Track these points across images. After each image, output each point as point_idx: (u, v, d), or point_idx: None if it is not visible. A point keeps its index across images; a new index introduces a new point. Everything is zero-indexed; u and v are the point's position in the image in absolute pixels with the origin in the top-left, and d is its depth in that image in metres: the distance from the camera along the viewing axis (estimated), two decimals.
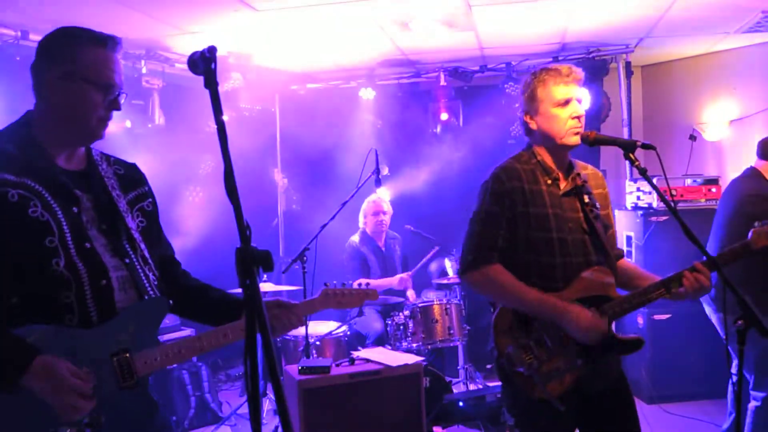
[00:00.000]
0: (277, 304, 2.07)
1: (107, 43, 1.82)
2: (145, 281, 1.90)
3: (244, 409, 5.06)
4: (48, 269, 1.70)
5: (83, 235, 1.79)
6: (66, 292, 1.72)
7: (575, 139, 2.43)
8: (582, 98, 2.47)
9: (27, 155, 1.78)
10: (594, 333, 2.29)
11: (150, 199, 2.07)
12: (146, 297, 1.87)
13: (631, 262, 2.68)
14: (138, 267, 1.89)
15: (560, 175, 2.49)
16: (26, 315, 1.69)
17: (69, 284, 1.72)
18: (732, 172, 3.88)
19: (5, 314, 1.69)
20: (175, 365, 4.85)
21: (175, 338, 2.86)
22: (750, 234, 2.34)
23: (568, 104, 2.41)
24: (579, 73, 2.45)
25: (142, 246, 1.94)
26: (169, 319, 5.00)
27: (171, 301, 1.96)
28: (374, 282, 5.29)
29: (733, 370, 3.55)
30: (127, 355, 1.75)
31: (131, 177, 2.04)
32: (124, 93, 1.85)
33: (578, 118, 2.42)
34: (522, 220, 2.40)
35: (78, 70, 1.78)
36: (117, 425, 1.74)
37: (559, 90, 2.41)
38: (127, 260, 1.86)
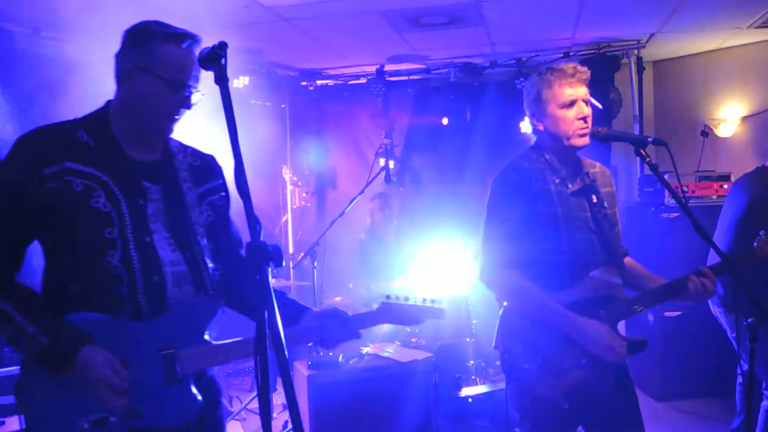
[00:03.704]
0: (331, 314, 1.99)
1: (183, 40, 1.81)
2: (206, 278, 1.88)
3: (254, 404, 5.08)
4: (102, 261, 1.72)
5: (145, 228, 1.80)
6: (118, 285, 1.73)
7: (583, 141, 2.42)
8: (588, 98, 2.45)
9: (99, 144, 1.80)
10: (614, 354, 2.28)
11: (222, 193, 2.04)
12: (201, 294, 1.86)
13: (634, 261, 2.67)
14: (199, 262, 1.88)
15: (569, 174, 2.48)
16: (82, 304, 1.72)
17: (121, 278, 1.73)
18: (744, 168, 3.84)
19: (63, 301, 1.73)
20: None
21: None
22: (756, 242, 2.35)
23: (573, 105, 2.40)
24: (585, 72, 2.42)
25: (206, 241, 1.92)
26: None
27: (223, 302, 1.93)
28: (375, 284, 5.30)
29: (740, 370, 3.53)
30: (173, 351, 1.75)
31: (206, 169, 2.02)
32: (200, 92, 1.83)
33: (584, 118, 2.40)
34: (530, 219, 2.39)
35: (150, 64, 1.77)
36: (159, 420, 1.74)
37: (565, 91, 2.39)
38: (188, 255, 1.85)
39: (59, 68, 4.71)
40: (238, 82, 5.80)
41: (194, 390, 1.80)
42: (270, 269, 1.41)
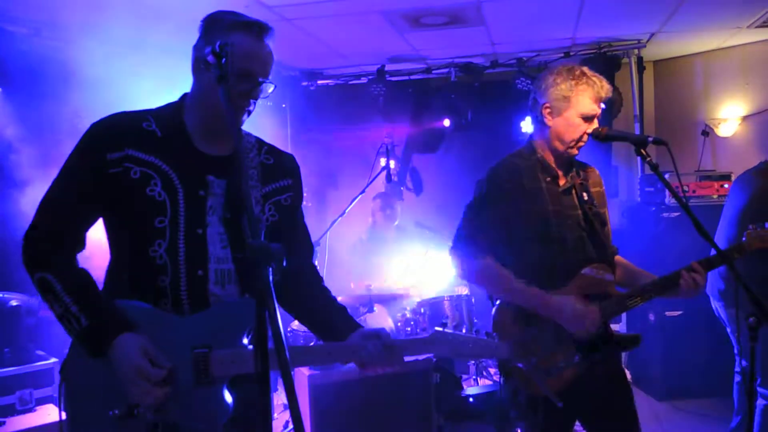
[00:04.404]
0: (375, 335, 1.85)
1: (252, 29, 1.79)
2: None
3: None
4: (149, 250, 1.72)
5: (199, 221, 1.78)
6: (162, 275, 1.73)
7: (574, 152, 2.46)
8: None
9: (167, 134, 1.80)
10: (585, 322, 2.29)
11: (290, 194, 1.99)
12: (246, 296, 1.82)
13: (624, 259, 2.68)
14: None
15: (559, 172, 2.50)
16: (133, 292, 1.73)
17: (165, 269, 1.73)
18: (745, 167, 3.84)
19: (117, 289, 1.75)
20: None
21: None
22: (744, 236, 2.37)
23: (590, 120, 2.42)
24: (609, 92, 2.45)
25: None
26: None
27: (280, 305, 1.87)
28: (376, 284, 5.30)
29: (737, 368, 3.53)
30: (207, 351, 1.70)
31: (278, 168, 1.98)
32: (271, 83, 1.80)
33: (589, 135, 2.44)
34: (521, 217, 2.41)
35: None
36: (187, 420, 1.69)
37: (593, 106, 2.41)
38: (239, 254, 1.82)
39: (60, 69, 4.72)
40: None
41: (226, 395, 1.72)
42: (272, 269, 1.38)
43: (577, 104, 2.41)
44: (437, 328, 1.86)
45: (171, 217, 1.74)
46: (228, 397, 1.72)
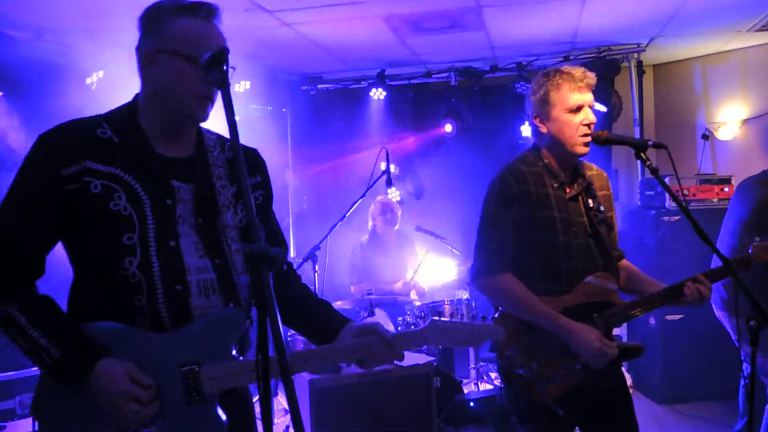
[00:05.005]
0: (370, 330, 1.77)
1: (199, 10, 1.65)
2: (238, 286, 1.72)
3: (256, 408, 5.07)
4: (119, 269, 1.58)
5: (170, 232, 1.65)
6: (137, 295, 1.59)
7: (584, 149, 2.41)
8: (593, 104, 2.45)
9: (124, 140, 1.65)
10: (603, 359, 2.28)
11: (261, 191, 1.88)
12: (231, 304, 1.70)
13: (630, 263, 2.67)
14: (231, 269, 1.72)
15: (567, 178, 2.48)
16: (100, 312, 1.60)
17: (140, 287, 1.59)
18: (745, 171, 3.83)
19: (83, 310, 1.63)
20: None
21: None
22: (750, 249, 2.36)
23: (580, 110, 2.39)
24: (592, 78, 2.42)
25: (237, 245, 1.74)
26: None
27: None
28: (375, 286, 5.30)
29: (744, 373, 3.52)
30: (196, 368, 1.60)
31: (246, 165, 1.83)
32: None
33: (589, 125, 2.39)
34: (528, 224, 2.39)
35: (168, 44, 1.62)
36: None
37: (573, 96, 2.38)
38: (218, 261, 1.70)
39: (63, 74, 4.73)
40: (239, 87, 5.81)
41: (219, 412, 1.63)
42: (272, 273, 1.35)
43: (559, 101, 2.39)
44: (434, 318, 1.85)
45: (140, 232, 1.60)
46: (222, 414, 1.64)
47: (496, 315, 2.48)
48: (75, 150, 1.59)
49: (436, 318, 1.84)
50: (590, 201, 2.49)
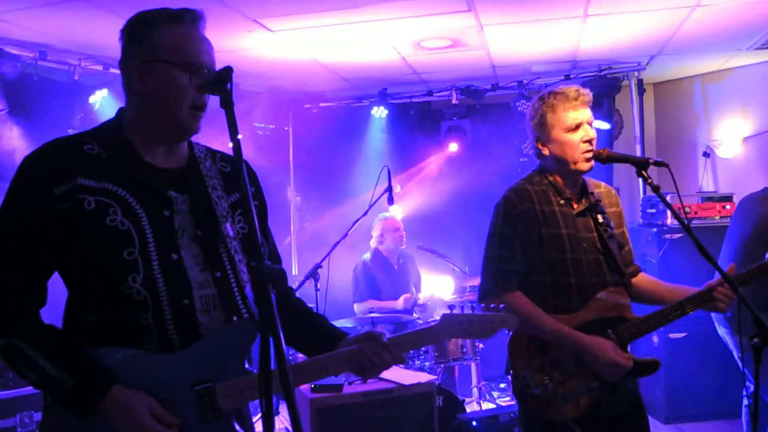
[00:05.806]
0: (368, 338, 1.73)
1: (185, 18, 1.63)
2: (239, 299, 1.69)
3: (258, 427, 5.04)
4: (122, 287, 1.53)
5: (171, 245, 1.60)
6: (143, 313, 1.54)
7: (588, 165, 2.42)
8: (592, 120, 2.46)
9: (113, 156, 1.61)
10: (618, 371, 2.28)
11: (257, 202, 1.81)
12: (235, 318, 1.66)
13: (649, 276, 2.66)
14: (232, 282, 1.68)
15: (573, 195, 2.48)
16: (105, 335, 1.55)
17: (145, 304, 1.54)
18: (746, 189, 3.83)
19: (83, 333, 1.57)
20: None
21: None
22: (767, 256, 2.34)
23: (579, 128, 2.40)
24: (587, 94, 2.43)
25: (240, 257, 1.70)
26: None
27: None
28: (378, 304, 5.29)
29: (746, 392, 3.49)
30: (210, 385, 1.56)
31: (238, 175, 1.76)
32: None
33: (590, 141, 2.40)
34: (536, 242, 2.39)
35: (157, 53, 1.59)
36: None
37: (570, 115, 2.39)
38: (218, 274, 1.66)
39: (66, 92, 4.77)
40: (242, 105, 5.84)
41: (237, 427, 1.62)
42: (274, 292, 1.33)
43: (557, 122, 2.41)
44: (445, 313, 1.82)
45: (140, 246, 1.55)
46: (240, 429, 1.62)
47: (508, 333, 2.46)
48: (66, 167, 1.54)
49: (448, 312, 1.82)
50: (599, 217, 2.48)
